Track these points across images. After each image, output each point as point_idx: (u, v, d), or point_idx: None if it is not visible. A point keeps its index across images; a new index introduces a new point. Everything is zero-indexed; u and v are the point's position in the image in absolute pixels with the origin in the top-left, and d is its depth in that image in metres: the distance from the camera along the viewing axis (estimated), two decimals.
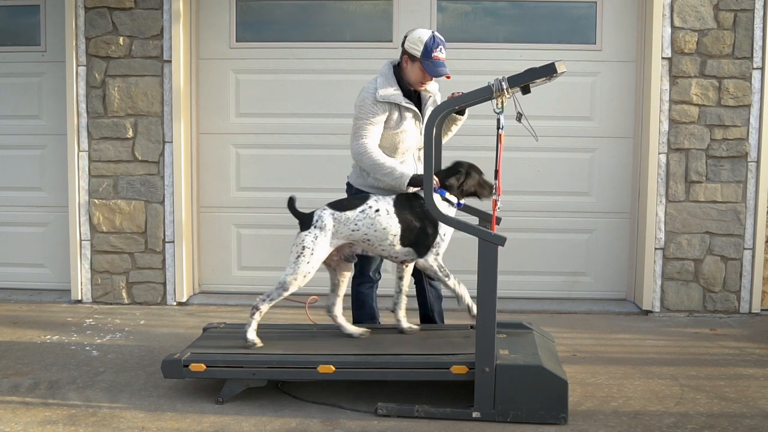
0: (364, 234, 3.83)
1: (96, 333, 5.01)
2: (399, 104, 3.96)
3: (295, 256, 3.83)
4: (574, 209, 5.78)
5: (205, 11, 5.81)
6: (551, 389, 3.46)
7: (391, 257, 3.93)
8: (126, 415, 3.59)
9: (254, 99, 5.84)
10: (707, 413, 3.63)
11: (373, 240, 3.84)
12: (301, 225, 3.89)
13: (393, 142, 4.02)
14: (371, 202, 3.86)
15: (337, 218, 3.84)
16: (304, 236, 3.84)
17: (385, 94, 3.93)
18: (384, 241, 3.84)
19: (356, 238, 3.85)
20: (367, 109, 3.95)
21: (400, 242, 3.85)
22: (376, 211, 3.83)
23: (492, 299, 3.47)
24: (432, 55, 3.87)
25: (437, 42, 3.89)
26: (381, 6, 5.81)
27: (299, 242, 3.84)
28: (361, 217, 3.83)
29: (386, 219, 3.83)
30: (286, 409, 3.67)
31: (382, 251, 3.90)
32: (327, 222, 3.83)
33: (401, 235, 3.83)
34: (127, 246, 5.72)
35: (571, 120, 5.72)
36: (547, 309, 5.64)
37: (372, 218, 3.82)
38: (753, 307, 5.47)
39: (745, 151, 5.39)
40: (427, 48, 3.87)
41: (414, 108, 4.00)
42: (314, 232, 3.83)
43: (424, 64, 3.89)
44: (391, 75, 4.01)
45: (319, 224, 3.83)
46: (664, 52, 5.36)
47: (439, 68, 3.90)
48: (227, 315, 5.46)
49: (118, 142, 5.65)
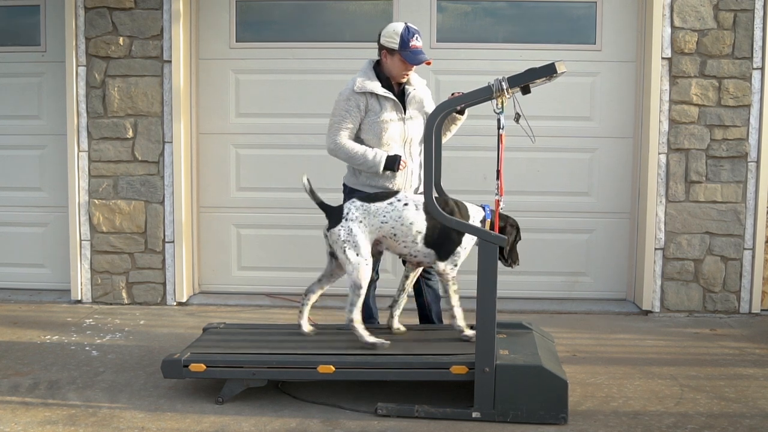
0: (391, 228, 3.83)
1: (96, 333, 5.01)
2: (376, 94, 4.04)
3: (342, 251, 3.81)
4: (573, 209, 5.78)
5: (205, 11, 5.81)
6: (551, 389, 3.46)
7: (411, 256, 3.93)
8: (126, 415, 3.59)
9: (254, 99, 5.85)
10: (707, 413, 3.63)
11: (399, 235, 3.84)
12: (330, 219, 3.87)
13: (375, 133, 4.08)
14: (400, 196, 3.90)
15: (367, 209, 3.84)
16: (338, 232, 3.82)
17: (362, 85, 4.05)
18: (408, 237, 3.84)
19: (384, 232, 3.85)
20: (341, 104, 4.08)
21: (423, 241, 3.85)
22: (405, 204, 3.86)
23: (492, 299, 3.47)
24: (410, 45, 3.99)
25: (412, 32, 4.01)
26: (381, 6, 5.81)
27: (336, 239, 3.82)
28: (390, 209, 3.84)
29: (414, 213, 3.84)
30: (286, 409, 3.67)
31: (404, 248, 3.89)
32: (357, 214, 3.83)
33: (426, 233, 3.84)
34: (127, 246, 5.72)
35: (571, 120, 5.72)
36: (547, 309, 5.65)
37: (400, 211, 3.84)
38: (753, 307, 5.47)
39: (745, 151, 5.39)
40: (403, 39, 3.99)
41: (393, 97, 4.07)
42: (347, 225, 3.82)
43: (403, 54, 3.99)
44: (370, 70, 4.12)
45: (350, 216, 3.83)
46: (664, 52, 5.36)
47: (418, 56, 4.00)
48: (227, 315, 5.46)
49: (118, 142, 5.65)
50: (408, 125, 4.11)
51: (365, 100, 4.06)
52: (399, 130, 4.10)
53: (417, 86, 4.18)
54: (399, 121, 4.09)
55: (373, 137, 4.08)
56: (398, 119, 4.09)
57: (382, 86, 4.06)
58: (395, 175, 4.09)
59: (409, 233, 3.84)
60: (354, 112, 4.06)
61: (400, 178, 4.11)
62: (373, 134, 4.08)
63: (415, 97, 4.15)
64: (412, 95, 4.14)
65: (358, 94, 4.05)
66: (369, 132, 4.09)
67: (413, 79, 4.17)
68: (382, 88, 4.06)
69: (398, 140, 4.12)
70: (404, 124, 4.09)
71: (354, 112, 4.06)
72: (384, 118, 4.05)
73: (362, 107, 4.06)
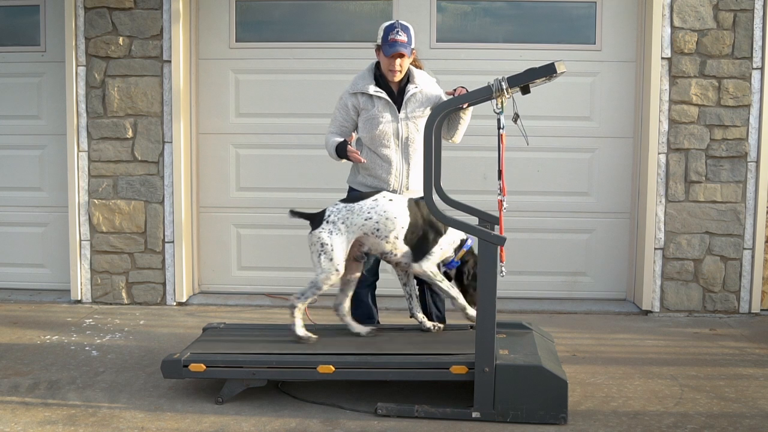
0: (375, 222, 3.86)
1: (96, 333, 5.01)
2: (368, 93, 4.11)
3: (316, 255, 3.85)
4: (574, 209, 5.78)
5: (205, 11, 5.81)
6: (551, 389, 3.46)
7: (392, 255, 3.93)
8: (126, 415, 3.59)
9: (254, 99, 5.85)
10: (707, 413, 3.63)
11: (382, 230, 3.86)
12: (312, 224, 3.91)
13: (368, 131, 4.15)
14: (386, 193, 3.96)
15: (350, 209, 3.87)
16: (318, 234, 3.86)
17: (355, 85, 4.16)
18: (391, 233, 3.86)
19: (367, 229, 3.86)
20: (337, 104, 4.24)
21: (403, 238, 3.87)
22: (390, 200, 3.91)
23: (492, 299, 3.47)
24: (388, 38, 4.06)
25: (394, 26, 4.09)
26: (381, 6, 5.81)
27: (315, 241, 3.86)
28: (374, 205, 3.88)
29: (399, 207, 3.88)
30: (286, 409, 3.67)
31: (386, 244, 3.89)
32: (339, 215, 3.85)
33: (407, 229, 3.87)
34: (127, 246, 5.72)
35: (570, 120, 5.72)
36: (547, 309, 5.65)
37: (384, 205, 3.88)
38: (753, 307, 5.47)
39: (744, 151, 5.39)
40: (385, 33, 4.09)
41: (385, 96, 4.12)
42: (327, 227, 3.85)
43: (383, 48, 4.07)
44: (370, 71, 4.21)
45: (331, 219, 3.86)
46: (664, 52, 5.36)
47: (390, 48, 4.04)
48: (227, 315, 5.46)
49: (117, 142, 5.65)
50: (403, 125, 4.12)
51: (357, 100, 4.15)
52: (392, 129, 4.12)
53: (422, 85, 4.17)
54: (392, 120, 4.11)
55: (367, 135, 4.16)
56: (391, 118, 4.11)
57: (376, 85, 4.12)
58: (388, 176, 4.15)
59: (393, 228, 3.86)
60: (343, 111, 4.20)
61: (392, 178, 4.15)
62: (366, 132, 4.16)
63: (416, 96, 4.14)
64: (412, 94, 4.14)
65: (351, 94, 4.18)
66: (363, 130, 4.18)
67: (419, 78, 4.18)
68: (374, 87, 4.12)
69: (392, 139, 4.13)
70: (398, 123, 4.11)
71: (343, 111, 4.20)
72: (376, 116, 4.11)
73: (353, 106, 4.16)
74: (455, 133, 4.24)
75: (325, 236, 3.84)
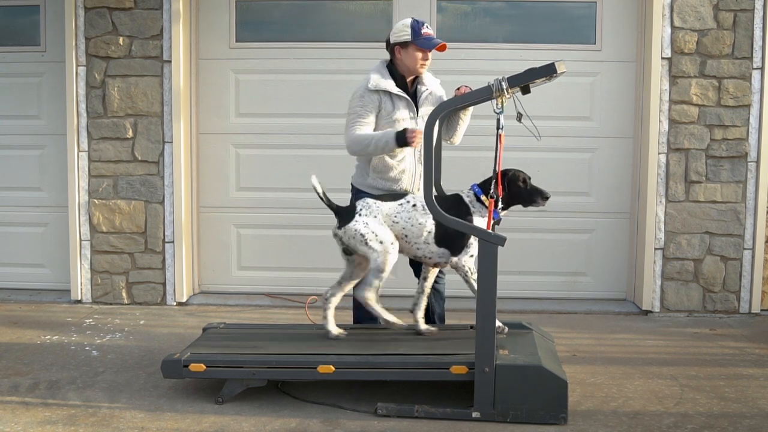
0: (402, 228, 3.86)
1: (96, 333, 5.01)
2: (390, 92, 4.04)
3: (363, 245, 3.81)
4: (573, 209, 5.78)
5: (205, 11, 5.82)
6: (551, 389, 3.46)
7: (426, 258, 3.93)
8: (126, 415, 3.59)
9: (254, 99, 5.85)
10: (707, 413, 3.63)
11: (410, 236, 3.86)
12: (341, 218, 3.88)
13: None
14: (408, 197, 3.94)
15: (379, 207, 3.87)
16: (353, 227, 3.83)
17: (376, 83, 4.05)
18: (419, 238, 3.86)
19: (396, 232, 3.86)
20: (356, 101, 4.07)
21: (434, 240, 3.87)
22: (413, 205, 3.89)
23: (492, 299, 3.47)
24: (422, 32, 4.04)
25: (420, 22, 4.08)
26: (381, 6, 5.81)
27: (353, 234, 3.83)
28: (400, 210, 3.87)
29: (422, 214, 3.86)
30: (286, 409, 3.67)
31: (417, 250, 3.90)
32: (370, 210, 3.85)
33: (435, 232, 3.86)
34: (127, 246, 5.72)
35: (570, 120, 5.72)
36: (547, 309, 5.65)
37: (409, 212, 3.87)
38: (753, 307, 5.47)
39: (744, 151, 5.39)
40: (414, 29, 4.04)
41: (406, 96, 4.07)
42: (361, 219, 3.84)
43: (417, 42, 4.03)
44: (384, 69, 4.12)
45: (364, 212, 3.85)
46: (664, 52, 5.36)
47: (431, 41, 4.04)
48: (227, 315, 5.46)
49: (117, 142, 5.65)
50: (420, 125, 4.09)
51: (379, 98, 4.05)
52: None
53: (431, 86, 4.17)
54: (411, 120, 4.08)
55: None
56: (410, 119, 4.08)
57: (396, 85, 4.07)
58: (401, 177, 4.09)
59: (420, 234, 3.86)
60: (369, 108, 4.04)
61: (406, 180, 4.11)
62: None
63: (429, 97, 4.14)
64: (426, 95, 4.13)
65: (371, 91, 4.04)
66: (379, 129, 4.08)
67: (426, 79, 4.17)
68: (396, 87, 4.06)
69: None
70: (416, 124, 4.08)
71: (369, 108, 4.04)
72: (397, 117, 4.04)
73: (376, 106, 4.05)
74: (454, 134, 4.23)
75: (361, 226, 3.82)
